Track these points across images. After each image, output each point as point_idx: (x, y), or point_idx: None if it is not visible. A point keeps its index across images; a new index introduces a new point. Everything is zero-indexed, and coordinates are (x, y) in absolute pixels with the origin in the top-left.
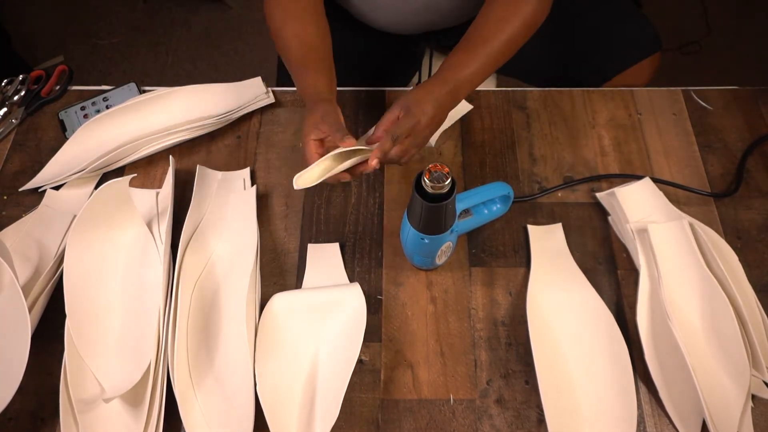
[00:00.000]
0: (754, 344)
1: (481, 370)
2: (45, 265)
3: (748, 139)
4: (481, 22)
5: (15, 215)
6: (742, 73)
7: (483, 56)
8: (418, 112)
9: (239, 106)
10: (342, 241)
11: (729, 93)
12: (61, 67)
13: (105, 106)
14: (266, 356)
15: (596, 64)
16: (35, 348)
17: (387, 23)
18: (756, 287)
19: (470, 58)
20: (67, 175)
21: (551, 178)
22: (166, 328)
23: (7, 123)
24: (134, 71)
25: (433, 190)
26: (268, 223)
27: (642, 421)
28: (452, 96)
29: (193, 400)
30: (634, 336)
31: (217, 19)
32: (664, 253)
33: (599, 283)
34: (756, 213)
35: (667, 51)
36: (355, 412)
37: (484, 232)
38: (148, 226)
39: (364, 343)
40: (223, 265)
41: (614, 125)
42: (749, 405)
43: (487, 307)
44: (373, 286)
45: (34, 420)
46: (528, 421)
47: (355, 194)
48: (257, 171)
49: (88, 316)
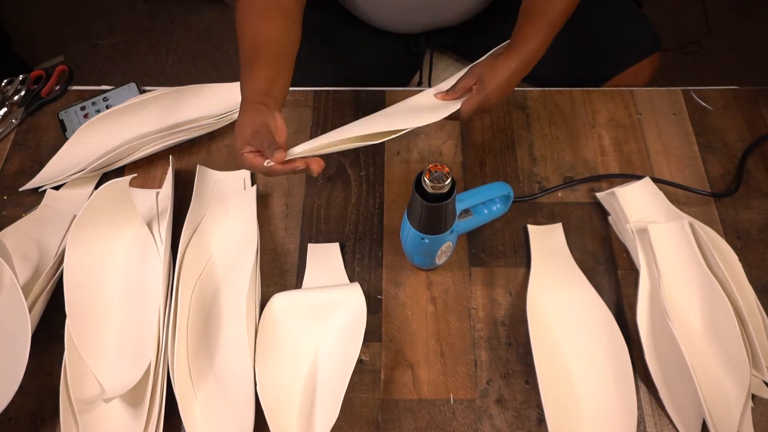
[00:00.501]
0: (754, 344)
1: (481, 370)
2: (45, 265)
3: (748, 139)
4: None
5: (15, 215)
6: (742, 73)
7: (546, 26)
8: (491, 85)
9: (239, 106)
10: (342, 241)
11: (729, 93)
12: (61, 67)
13: (105, 106)
14: (266, 356)
15: (596, 64)
16: (35, 348)
17: (388, 22)
18: (756, 287)
19: (535, 31)
20: (67, 175)
21: (551, 178)
22: (166, 328)
23: (7, 123)
24: (134, 71)
25: (433, 190)
26: (268, 223)
27: (642, 421)
28: (524, 67)
29: (193, 400)
30: (634, 336)
31: (217, 19)
32: (664, 253)
33: (599, 283)
34: (756, 213)
35: (667, 51)
36: (355, 412)
37: (484, 232)
38: (148, 226)
39: (364, 343)
40: (223, 265)
41: (614, 125)
42: (749, 405)
43: (487, 307)
44: (373, 286)
45: (34, 420)
46: (528, 421)
47: (355, 194)
48: None
49: (88, 316)
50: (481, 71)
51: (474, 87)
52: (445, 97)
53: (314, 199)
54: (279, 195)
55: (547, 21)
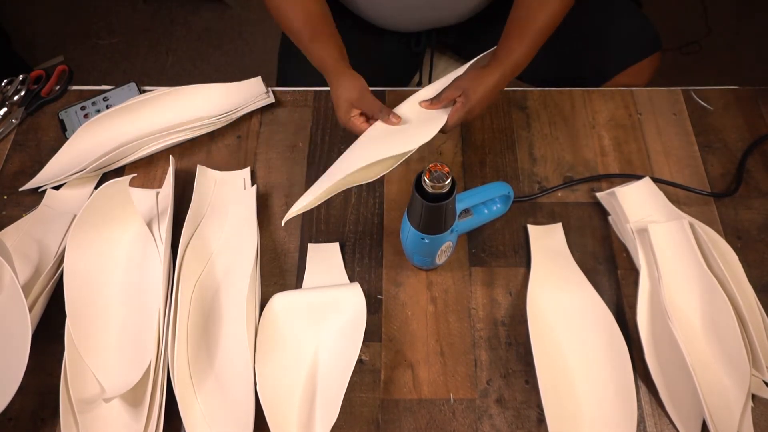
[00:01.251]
0: (754, 344)
1: (481, 370)
2: (45, 265)
3: (748, 139)
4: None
5: (15, 215)
6: (742, 73)
7: (529, 38)
8: (474, 98)
9: (239, 106)
10: (342, 241)
11: (729, 93)
12: (61, 67)
13: (105, 106)
14: (266, 356)
15: (596, 64)
16: (35, 348)
17: (388, 19)
18: (756, 287)
19: (518, 43)
20: (67, 175)
21: (551, 178)
22: (166, 328)
23: (7, 123)
24: (134, 71)
25: (434, 189)
26: (268, 223)
27: (642, 421)
28: (506, 79)
29: (193, 400)
30: (634, 336)
31: (217, 19)
32: (664, 253)
33: (599, 283)
34: (756, 213)
35: (667, 51)
36: (355, 412)
37: (484, 232)
38: (148, 226)
39: (364, 343)
40: (223, 265)
41: (614, 125)
42: (749, 405)
43: (487, 306)
44: (373, 286)
45: (34, 420)
46: (528, 421)
47: (355, 194)
48: (257, 171)
49: (88, 316)
50: (465, 85)
51: (458, 99)
52: (429, 107)
53: None
54: (279, 195)
55: (532, 33)
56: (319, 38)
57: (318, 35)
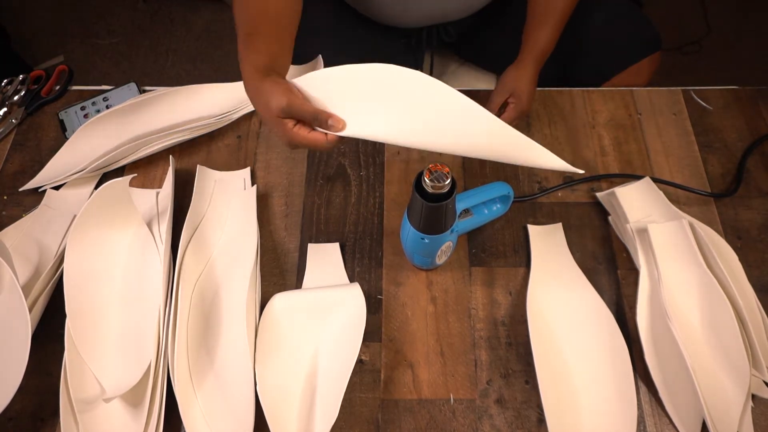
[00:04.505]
0: (754, 344)
1: (481, 370)
2: (45, 265)
3: (748, 139)
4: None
5: (15, 215)
6: (742, 73)
7: (554, 25)
8: (524, 96)
9: (239, 106)
10: (342, 241)
11: (729, 93)
12: (61, 67)
13: (105, 106)
14: (266, 356)
15: (596, 63)
16: (35, 348)
17: (388, 14)
18: (756, 287)
19: (542, 30)
20: (67, 175)
21: (551, 178)
22: (166, 328)
23: (7, 123)
24: (134, 71)
25: (434, 189)
26: (268, 223)
27: (642, 421)
28: (540, 67)
29: (193, 400)
30: (634, 336)
31: (217, 19)
32: (664, 253)
33: (599, 283)
34: (756, 213)
35: (667, 51)
36: (355, 412)
37: (484, 232)
38: (148, 226)
39: (364, 343)
40: (223, 265)
41: (614, 125)
42: (749, 405)
43: (487, 306)
44: (373, 286)
45: (34, 420)
46: (528, 421)
47: (355, 194)
48: (257, 171)
49: (88, 316)
50: (511, 86)
51: (509, 101)
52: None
53: (314, 199)
54: (279, 195)
55: (555, 20)
56: (253, 39)
57: (254, 35)
